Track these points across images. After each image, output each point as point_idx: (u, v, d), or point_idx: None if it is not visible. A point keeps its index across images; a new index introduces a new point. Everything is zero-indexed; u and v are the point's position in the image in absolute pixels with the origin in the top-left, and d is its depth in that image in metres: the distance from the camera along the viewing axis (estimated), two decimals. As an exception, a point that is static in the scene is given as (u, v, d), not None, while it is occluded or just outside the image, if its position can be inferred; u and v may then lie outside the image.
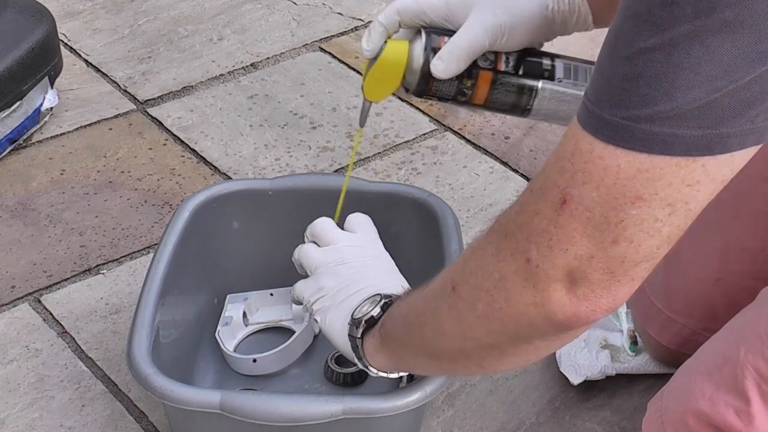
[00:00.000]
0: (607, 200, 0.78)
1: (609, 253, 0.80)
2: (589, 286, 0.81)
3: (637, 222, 0.79)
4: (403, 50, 1.09)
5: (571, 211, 0.79)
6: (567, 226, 0.80)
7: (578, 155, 0.79)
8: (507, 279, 0.84)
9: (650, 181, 0.77)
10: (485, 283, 0.87)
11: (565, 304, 0.82)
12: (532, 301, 0.83)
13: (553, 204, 0.80)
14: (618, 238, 0.79)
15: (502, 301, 0.85)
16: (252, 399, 1.13)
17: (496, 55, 1.11)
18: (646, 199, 0.78)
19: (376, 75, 1.11)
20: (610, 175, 0.78)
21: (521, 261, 0.83)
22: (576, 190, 0.79)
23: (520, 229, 0.83)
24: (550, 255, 0.81)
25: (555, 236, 0.80)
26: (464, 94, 1.10)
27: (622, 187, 0.78)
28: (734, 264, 1.24)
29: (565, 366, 1.34)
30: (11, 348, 1.41)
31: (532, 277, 0.82)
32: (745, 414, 1.01)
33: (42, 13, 1.76)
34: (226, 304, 1.40)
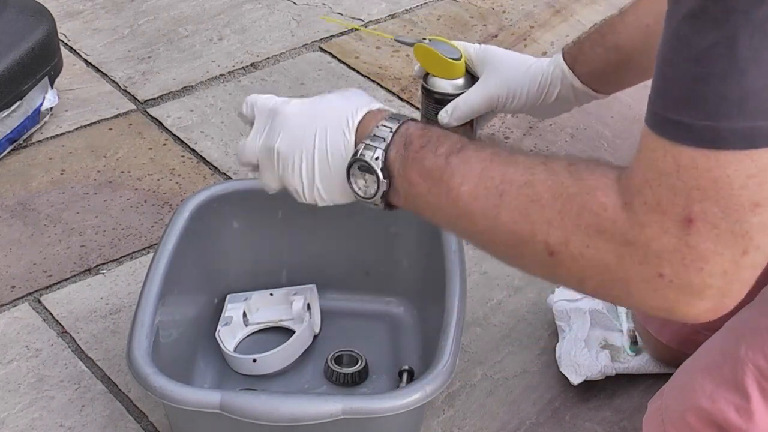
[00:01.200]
0: (729, 214, 0.79)
1: (740, 264, 0.81)
2: (719, 297, 0.83)
3: (760, 228, 0.80)
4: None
5: (699, 230, 0.80)
6: (698, 246, 0.80)
7: (684, 171, 0.80)
8: (632, 282, 0.84)
9: (761, 185, 0.78)
10: (602, 273, 0.86)
11: (693, 314, 0.84)
12: (657, 306, 0.85)
13: (678, 223, 0.81)
14: (747, 248, 0.80)
15: (622, 292, 0.86)
16: (252, 399, 1.13)
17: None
18: (762, 204, 0.79)
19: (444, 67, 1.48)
20: (724, 188, 0.79)
21: (652, 274, 0.83)
22: (698, 207, 0.80)
23: (650, 243, 0.82)
24: (685, 273, 0.82)
25: (688, 256, 0.81)
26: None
27: (739, 198, 0.79)
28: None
29: (565, 366, 1.34)
30: (11, 348, 1.41)
31: (664, 290, 0.83)
32: (745, 410, 1.01)
33: (42, 13, 1.76)
34: (226, 304, 1.40)
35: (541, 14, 2.08)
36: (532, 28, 2.04)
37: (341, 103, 1.02)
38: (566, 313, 1.38)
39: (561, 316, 1.39)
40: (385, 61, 1.95)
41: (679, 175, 0.80)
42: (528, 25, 2.05)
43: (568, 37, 2.00)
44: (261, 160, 1.07)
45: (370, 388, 1.32)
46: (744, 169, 0.78)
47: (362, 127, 1.00)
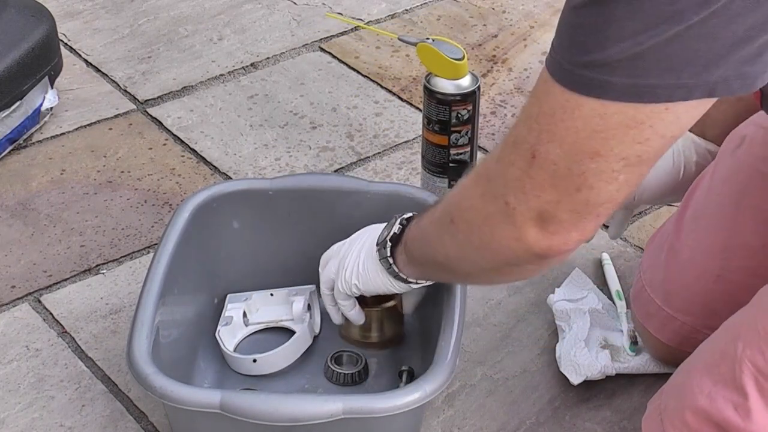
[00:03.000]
0: (570, 156, 0.90)
1: (574, 198, 0.93)
2: (558, 224, 0.95)
3: (596, 173, 0.91)
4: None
5: (540, 164, 0.92)
6: (537, 177, 0.93)
7: (543, 115, 0.91)
8: (492, 218, 0.98)
9: (605, 140, 0.89)
10: (476, 219, 1.01)
11: (540, 239, 0.96)
12: (512, 236, 0.97)
13: (525, 157, 0.93)
14: (580, 186, 0.92)
15: (489, 236, 1.00)
16: (252, 399, 1.13)
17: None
18: (602, 154, 0.90)
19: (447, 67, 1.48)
20: (571, 135, 0.90)
21: (501, 203, 0.96)
22: (543, 147, 0.92)
23: (500, 176, 0.96)
24: (524, 199, 0.94)
25: (528, 184, 0.94)
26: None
27: (582, 145, 0.90)
28: (734, 261, 1.24)
29: (565, 366, 1.34)
30: (11, 348, 1.41)
31: (511, 217, 0.96)
32: (743, 408, 1.02)
33: (42, 13, 1.76)
34: (226, 304, 1.40)
35: (541, 14, 2.08)
36: (532, 28, 2.04)
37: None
38: (566, 313, 1.39)
39: (561, 316, 1.39)
40: (385, 61, 1.95)
41: (538, 117, 0.92)
42: (528, 25, 2.05)
43: (568, 37, 2.00)
44: (328, 260, 1.31)
45: (370, 388, 1.32)
46: (593, 123, 0.88)
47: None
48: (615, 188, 0.92)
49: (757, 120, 1.26)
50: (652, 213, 1.63)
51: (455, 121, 1.50)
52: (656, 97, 0.86)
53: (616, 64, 0.86)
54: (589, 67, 0.87)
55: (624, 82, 0.86)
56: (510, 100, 1.85)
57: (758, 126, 1.25)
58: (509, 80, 1.90)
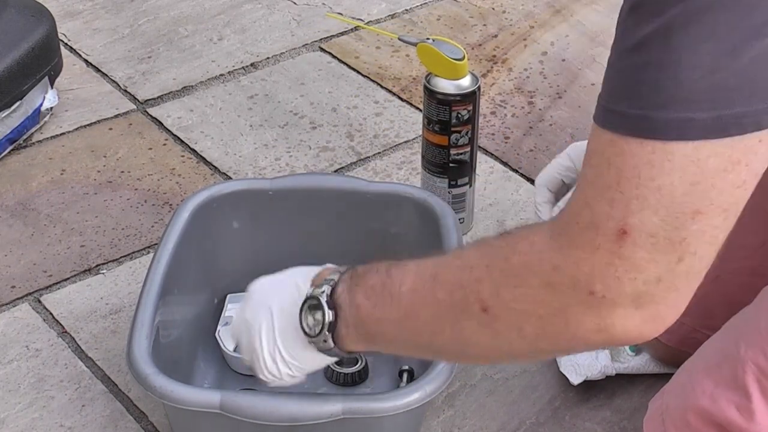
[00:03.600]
0: (668, 221, 0.78)
1: (675, 271, 0.80)
2: (655, 307, 0.82)
3: (698, 235, 0.79)
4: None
5: (634, 240, 0.79)
6: (632, 257, 0.79)
7: (626, 180, 0.78)
8: (567, 309, 0.83)
9: (704, 192, 0.78)
10: (536, 310, 0.85)
11: (631, 328, 0.82)
12: (595, 327, 0.83)
13: (612, 237, 0.79)
14: (683, 255, 0.80)
15: (560, 326, 0.84)
16: (252, 399, 1.13)
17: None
18: (704, 211, 0.79)
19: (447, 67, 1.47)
20: (666, 195, 0.78)
21: (584, 294, 0.82)
22: (635, 218, 0.79)
23: (580, 264, 0.81)
24: (617, 286, 0.80)
25: (621, 268, 0.80)
26: None
27: (681, 205, 0.78)
28: (732, 261, 1.24)
29: (565, 366, 1.34)
30: (11, 348, 1.41)
31: (597, 308, 0.82)
32: (746, 409, 1.01)
33: (42, 13, 1.76)
34: (226, 304, 1.40)
35: (541, 14, 2.08)
36: (532, 28, 2.04)
37: (302, 269, 1.07)
38: (566, 313, 1.38)
39: (561, 316, 1.39)
40: (385, 61, 1.95)
41: (619, 183, 0.79)
42: (528, 25, 2.05)
43: (568, 37, 2.00)
44: (238, 337, 1.10)
45: (370, 388, 1.32)
46: (689, 174, 0.77)
47: (317, 279, 1.03)
48: (714, 249, 0.81)
49: None
50: (652, 213, 1.63)
51: (455, 122, 1.50)
52: (744, 127, 0.77)
53: (697, 97, 0.76)
54: (667, 106, 0.76)
55: (708, 117, 0.76)
56: (510, 100, 1.85)
57: None
58: (509, 80, 1.90)
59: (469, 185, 1.55)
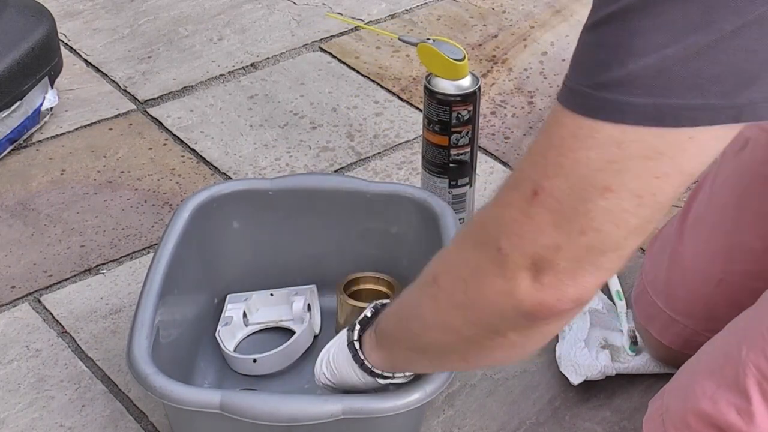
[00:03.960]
0: (577, 191, 0.80)
1: (576, 243, 0.81)
2: (555, 274, 0.83)
3: (604, 212, 0.80)
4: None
5: (542, 201, 0.81)
6: (537, 217, 0.82)
7: (552, 147, 0.81)
8: (481, 268, 0.87)
9: (619, 172, 0.79)
10: (463, 272, 0.89)
11: (532, 292, 0.84)
12: (501, 289, 0.85)
13: (525, 196, 0.82)
14: (586, 228, 0.81)
15: (476, 290, 0.88)
16: (252, 399, 1.13)
17: None
18: (614, 190, 0.79)
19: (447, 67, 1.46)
20: (581, 167, 0.80)
21: (493, 250, 0.84)
22: (548, 182, 0.81)
23: (495, 220, 0.85)
24: (519, 244, 0.83)
25: (525, 226, 0.82)
26: None
27: (593, 178, 0.79)
28: (737, 265, 1.24)
29: (565, 366, 1.34)
30: (11, 348, 1.41)
31: (502, 266, 0.84)
32: (746, 412, 1.01)
33: (42, 13, 1.76)
34: (226, 304, 1.40)
35: (541, 14, 2.08)
36: (532, 28, 2.04)
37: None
38: (566, 313, 1.38)
39: (561, 316, 1.39)
40: (385, 61, 1.95)
41: (545, 151, 0.81)
42: (528, 25, 2.05)
43: (568, 37, 2.00)
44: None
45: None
46: (608, 153, 0.78)
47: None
48: (623, 234, 0.81)
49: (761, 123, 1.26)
50: (652, 213, 1.63)
51: (455, 122, 1.50)
52: (679, 120, 0.77)
53: (638, 82, 0.77)
54: (609, 88, 0.78)
55: (646, 103, 0.77)
56: (510, 100, 1.85)
57: (762, 129, 1.25)
58: (509, 80, 1.90)
59: (470, 185, 1.55)
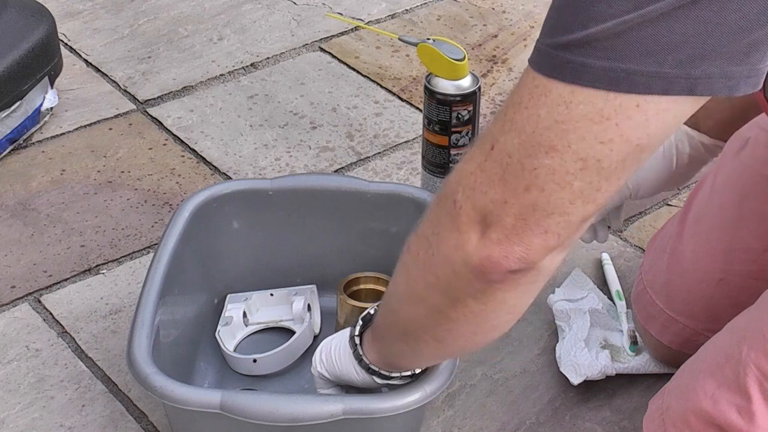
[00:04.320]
0: (525, 147, 0.82)
1: (521, 198, 0.83)
2: (502, 230, 0.84)
3: (549, 171, 0.81)
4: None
5: (495, 156, 0.83)
6: (488, 170, 0.84)
7: (511, 104, 0.83)
8: (440, 222, 0.88)
9: (565, 132, 0.80)
10: (426, 230, 0.91)
11: (480, 246, 0.85)
12: (454, 243, 0.87)
13: (484, 150, 0.84)
14: (530, 185, 0.82)
15: (435, 246, 0.89)
16: (252, 399, 1.13)
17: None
18: (559, 150, 0.81)
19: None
20: (531, 124, 0.81)
21: (450, 203, 0.86)
22: (503, 137, 0.83)
23: (456, 173, 0.87)
24: (471, 195, 0.85)
25: (479, 178, 0.84)
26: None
27: (539, 136, 0.81)
28: (737, 264, 1.24)
29: (565, 366, 1.34)
30: (11, 348, 1.41)
31: (456, 219, 0.86)
32: (747, 412, 1.01)
33: (42, 13, 1.76)
34: (226, 304, 1.40)
35: (541, 14, 2.08)
36: (532, 28, 2.04)
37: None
38: (566, 313, 1.38)
39: (561, 316, 1.39)
40: (385, 61, 1.95)
41: (506, 108, 0.83)
42: (528, 25, 2.05)
43: (568, 37, 2.00)
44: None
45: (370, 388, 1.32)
46: (556, 112, 0.80)
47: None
48: (567, 197, 0.82)
49: (761, 123, 1.26)
50: (653, 213, 1.63)
51: (456, 122, 1.50)
52: (633, 85, 0.78)
53: (596, 44, 0.78)
54: (568, 48, 0.79)
55: (601, 65, 0.78)
56: (510, 100, 1.85)
57: (762, 129, 1.25)
58: (509, 80, 1.90)
59: None
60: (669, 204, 1.64)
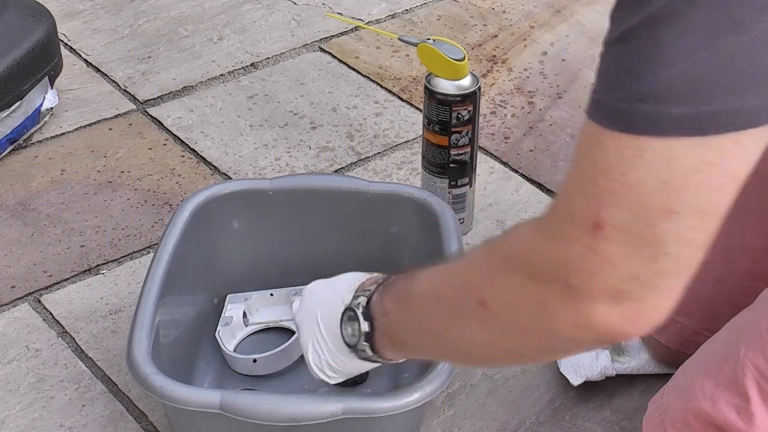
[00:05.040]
0: (640, 218, 0.77)
1: (649, 270, 0.79)
2: (634, 305, 0.80)
3: (672, 235, 0.78)
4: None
5: (607, 235, 0.78)
6: (605, 251, 0.78)
7: (600, 173, 0.78)
8: (548, 302, 0.83)
9: (676, 192, 0.76)
10: (524, 303, 0.85)
11: (612, 325, 0.81)
12: (575, 322, 0.82)
13: (587, 230, 0.79)
14: (656, 254, 0.78)
15: (544, 322, 0.84)
16: (252, 399, 1.13)
17: None
18: (676, 210, 0.77)
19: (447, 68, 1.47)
20: (636, 191, 0.76)
21: (562, 286, 0.81)
22: (607, 213, 0.77)
23: (558, 256, 0.81)
24: (592, 280, 0.79)
25: (595, 262, 0.79)
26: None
27: (651, 203, 0.76)
28: (735, 264, 1.24)
29: (565, 366, 1.34)
30: (11, 348, 1.41)
31: (576, 302, 0.81)
32: (745, 412, 1.01)
33: (42, 13, 1.76)
34: (226, 304, 1.40)
35: (541, 14, 2.08)
36: (532, 28, 2.04)
37: (351, 276, 1.12)
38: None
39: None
40: (385, 61, 1.95)
41: (594, 178, 0.78)
42: (528, 25, 2.05)
43: (568, 37, 2.01)
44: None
45: (370, 388, 1.32)
46: (660, 172, 0.76)
47: (359, 288, 1.07)
48: (694, 252, 0.79)
49: None
50: (652, 213, 1.63)
51: (456, 122, 1.50)
52: (723, 126, 0.75)
53: (674, 91, 0.74)
54: (645, 100, 0.75)
55: (687, 112, 0.74)
56: (510, 100, 1.85)
57: None
58: (509, 80, 1.90)
59: (469, 185, 1.55)
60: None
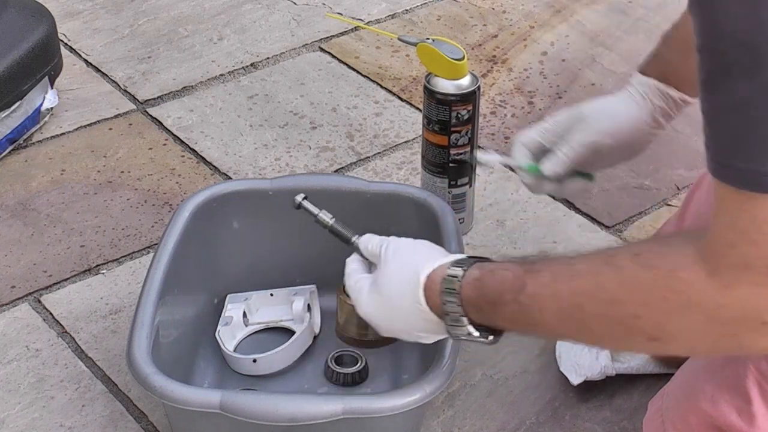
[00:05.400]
0: None
1: None
2: None
3: None
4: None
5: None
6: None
7: (758, 219, 0.84)
8: (740, 335, 0.88)
9: None
10: (706, 337, 0.90)
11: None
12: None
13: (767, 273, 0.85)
14: None
15: (734, 345, 0.90)
16: (252, 399, 1.13)
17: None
18: None
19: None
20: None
21: (756, 324, 0.87)
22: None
23: (744, 301, 0.86)
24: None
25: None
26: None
27: None
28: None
29: (565, 366, 1.34)
30: (11, 348, 1.41)
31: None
32: (747, 413, 1.01)
33: (42, 13, 1.76)
34: (226, 304, 1.40)
35: (541, 14, 2.08)
36: (532, 28, 2.04)
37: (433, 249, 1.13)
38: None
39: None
40: (385, 61, 1.95)
41: (757, 227, 0.84)
42: (528, 25, 2.05)
43: (568, 37, 2.00)
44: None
45: (370, 388, 1.32)
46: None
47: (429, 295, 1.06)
48: None
49: None
50: (653, 213, 1.63)
51: (455, 122, 1.50)
52: None
53: None
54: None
55: None
56: (510, 100, 1.85)
57: None
58: (509, 80, 1.90)
59: (469, 185, 1.55)
60: (669, 204, 1.64)
